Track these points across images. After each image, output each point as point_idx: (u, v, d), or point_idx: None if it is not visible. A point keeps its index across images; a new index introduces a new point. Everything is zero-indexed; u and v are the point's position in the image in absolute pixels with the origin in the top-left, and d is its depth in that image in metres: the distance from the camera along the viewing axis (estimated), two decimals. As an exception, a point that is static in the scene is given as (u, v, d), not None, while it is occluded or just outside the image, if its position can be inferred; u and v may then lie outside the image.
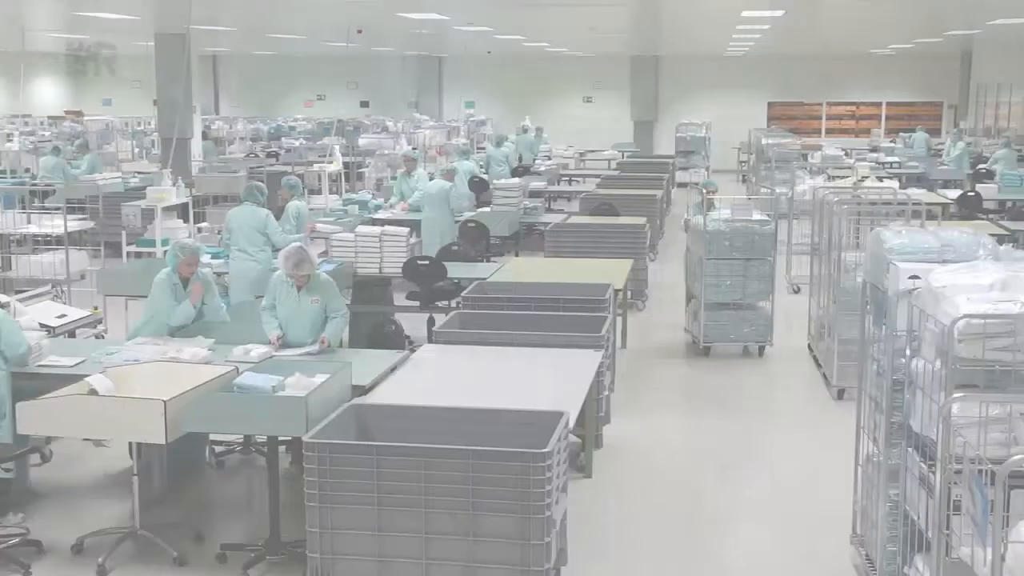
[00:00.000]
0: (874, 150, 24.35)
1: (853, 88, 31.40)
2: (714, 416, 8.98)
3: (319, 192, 16.41)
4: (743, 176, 28.02)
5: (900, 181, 16.96)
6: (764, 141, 22.08)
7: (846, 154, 21.19)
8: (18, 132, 23.04)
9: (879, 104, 31.65)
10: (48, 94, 34.62)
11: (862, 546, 5.90)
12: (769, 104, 31.95)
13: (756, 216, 10.54)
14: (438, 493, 4.81)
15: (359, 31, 19.84)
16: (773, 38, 22.63)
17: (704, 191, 11.17)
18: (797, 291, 12.93)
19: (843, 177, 16.12)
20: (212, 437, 7.50)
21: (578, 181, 22.54)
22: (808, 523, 6.72)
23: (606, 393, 8.04)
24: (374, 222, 12.46)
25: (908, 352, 5.05)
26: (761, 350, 10.49)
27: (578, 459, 7.40)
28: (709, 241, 10.17)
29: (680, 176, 26.27)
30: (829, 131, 31.44)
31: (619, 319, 10.34)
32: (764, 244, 10.35)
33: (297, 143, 25.25)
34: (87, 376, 6.14)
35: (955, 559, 4.29)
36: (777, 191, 17.20)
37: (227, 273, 10.20)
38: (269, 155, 23.27)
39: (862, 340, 5.97)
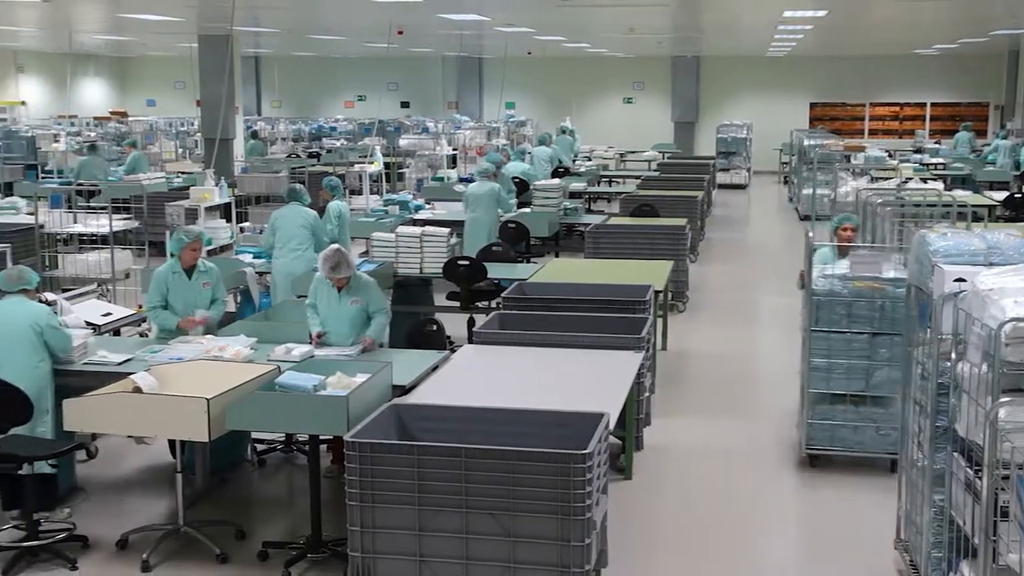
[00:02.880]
0: (918, 151, 24.10)
1: (897, 89, 31.09)
2: (755, 418, 8.92)
3: (360, 192, 16.49)
4: (784, 178, 27.85)
5: (945, 182, 16.77)
6: (806, 142, 21.94)
7: (890, 155, 21.00)
8: (65, 133, 23.33)
9: (923, 105, 31.32)
10: (94, 95, 35.06)
11: (906, 551, 5.83)
12: (811, 105, 31.73)
13: (888, 272, 7.41)
14: (478, 493, 4.81)
15: (400, 32, 19.91)
16: (816, 38, 22.46)
17: (837, 230, 8.57)
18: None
19: (887, 178, 15.96)
20: (254, 435, 7.55)
21: (618, 182, 22.48)
22: (850, 527, 6.66)
23: (647, 395, 8.01)
24: (414, 222, 12.52)
25: (954, 356, 4.99)
26: (893, 466, 6.80)
27: (618, 460, 7.38)
28: (817, 307, 7.49)
29: (721, 177, 26.17)
30: (872, 132, 31.18)
31: (659, 321, 10.30)
32: (899, 313, 6.89)
33: (338, 143, 25.40)
34: (132, 374, 6.22)
35: (1002, 566, 4.23)
36: (819, 192, 17.10)
37: (269, 273, 10.29)
38: (310, 155, 23.42)
39: (906, 343, 5.91)
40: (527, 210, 14.17)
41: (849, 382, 7.42)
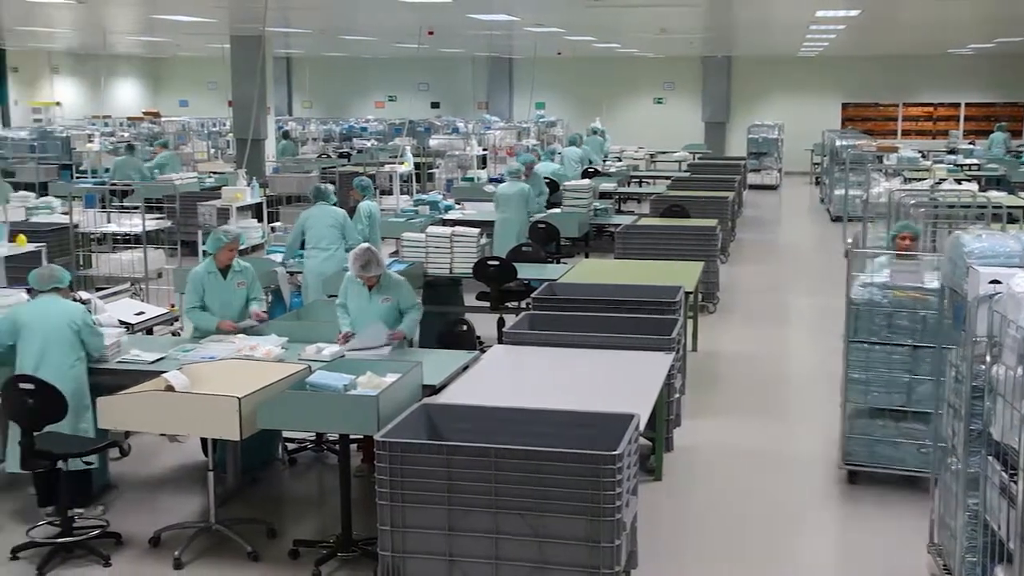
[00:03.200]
0: (952, 152, 23.87)
1: (930, 89, 30.82)
2: (787, 420, 8.88)
3: (390, 192, 16.54)
4: (816, 179, 27.69)
5: (980, 184, 16.60)
6: (838, 143, 21.79)
7: (923, 156, 20.80)
8: (99, 133, 23.54)
9: (957, 105, 31.03)
10: (127, 96, 35.37)
11: (940, 556, 5.78)
12: (843, 105, 31.52)
13: (929, 282, 7.00)
14: (508, 494, 4.81)
15: (430, 32, 19.95)
16: (848, 38, 22.30)
17: (895, 239, 8.15)
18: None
19: (920, 179, 15.82)
20: (284, 434, 7.59)
21: (648, 183, 22.43)
22: (884, 529, 6.61)
23: (677, 396, 7.99)
24: (444, 223, 12.54)
25: (988, 358, 4.94)
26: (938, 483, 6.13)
27: (648, 462, 7.36)
28: (856, 316, 7.15)
29: (752, 178, 26.06)
30: (905, 133, 30.94)
31: (690, 322, 10.25)
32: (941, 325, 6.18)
33: (368, 144, 25.49)
34: (164, 372, 6.27)
35: (1037, 571, 4.19)
36: (851, 193, 16.98)
37: (300, 272, 10.34)
38: (341, 156, 23.53)
39: (939, 345, 5.85)
40: (557, 210, 14.17)
41: (889, 396, 7.06)
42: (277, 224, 13.43)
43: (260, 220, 13.00)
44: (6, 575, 5.99)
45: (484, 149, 21.91)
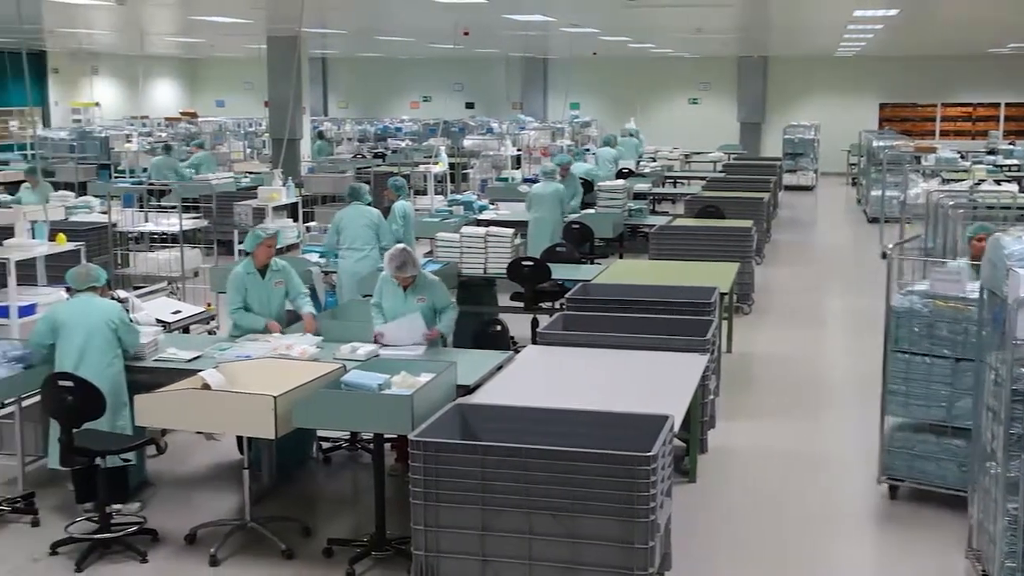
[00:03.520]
0: (992, 152, 23.60)
1: (970, 89, 30.49)
2: (822, 423, 8.81)
3: (424, 193, 16.58)
4: (852, 180, 27.48)
5: (1020, 184, 16.41)
6: (875, 143, 21.62)
7: (962, 157, 20.59)
8: (136, 133, 23.77)
9: (997, 105, 30.68)
10: (165, 96, 35.68)
11: (978, 561, 5.72)
12: (881, 105, 31.26)
13: (971, 292, 6.54)
14: (542, 494, 4.81)
15: (465, 32, 19.98)
16: (886, 38, 22.11)
17: (972, 240, 7.73)
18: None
19: (959, 180, 15.67)
20: (319, 433, 7.62)
21: (683, 183, 22.35)
22: (923, 533, 6.55)
23: (711, 397, 7.95)
24: (479, 223, 12.55)
25: (1029, 362, 4.88)
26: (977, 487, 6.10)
27: (682, 463, 7.34)
28: (896, 325, 6.82)
29: (788, 179, 25.90)
30: (944, 133, 30.63)
31: (724, 323, 10.21)
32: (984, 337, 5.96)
33: (403, 144, 25.56)
34: (201, 371, 6.31)
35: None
36: (888, 195, 16.84)
37: (335, 272, 10.39)
38: (376, 156, 23.60)
39: (979, 348, 5.79)
40: (591, 211, 14.14)
41: (928, 410, 6.73)
42: (312, 224, 13.50)
43: (295, 220, 13.07)
44: (46, 570, 6.06)
45: (518, 149, 21.91)
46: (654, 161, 23.46)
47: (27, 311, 7.54)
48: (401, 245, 7.64)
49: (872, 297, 13.42)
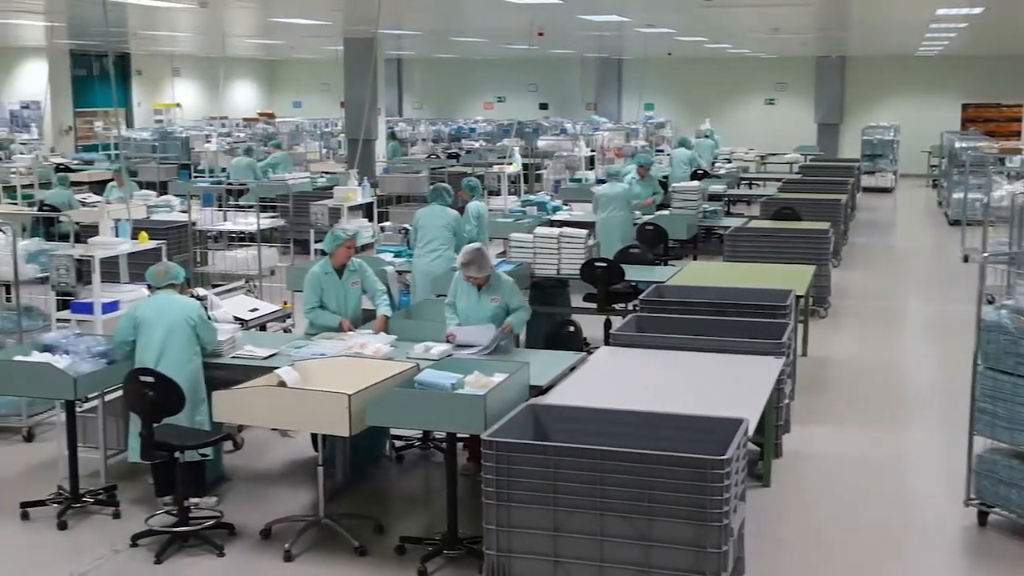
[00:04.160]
0: (1079, 154, 22.96)
1: (1057, 88, 29.73)
2: (901, 429, 8.65)
3: (498, 193, 16.61)
4: (933, 181, 26.95)
5: (1108, 187, 15.94)
6: (957, 144, 21.16)
7: (1048, 158, 20.06)
8: (216, 133, 24.18)
9: (1085, 105, 29.88)
10: (244, 97, 36.25)
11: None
12: (963, 106, 30.58)
13: None
14: (614, 496, 4.79)
15: (540, 33, 19.98)
16: (970, 37, 21.64)
17: None
18: (991, 301, 12.31)
19: (1044, 182, 15.27)
20: (392, 431, 7.68)
21: (759, 185, 22.09)
22: (1004, 543, 6.39)
23: (786, 401, 7.85)
24: (552, 223, 12.54)
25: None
26: None
27: (756, 467, 7.26)
28: (986, 341, 6.50)
29: (866, 180, 25.49)
30: (1030, 134, 29.89)
31: (800, 326, 10.07)
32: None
33: (477, 144, 25.65)
34: (277, 368, 6.40)
35: None
36: (971, 197, 16.48)
37: (409, 272, 10.46)
38: (450, 156, 23.73)
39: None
40: (665, 212, 14.06)
41: (1012, 433, 6.31)
42: (387, 224, 13.61)
43: (370, 220, 13.18)
44: (128, 560, 6.19)
45: (592, 150, 21.86)
46: (729, 162, 23.25)
47: (110, 308, 7.70)
48: (474, 244, 7.67)
49: (953, 303, 13.20)
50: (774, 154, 26.73)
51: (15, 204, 16.15)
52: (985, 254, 7.22)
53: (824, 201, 15.34)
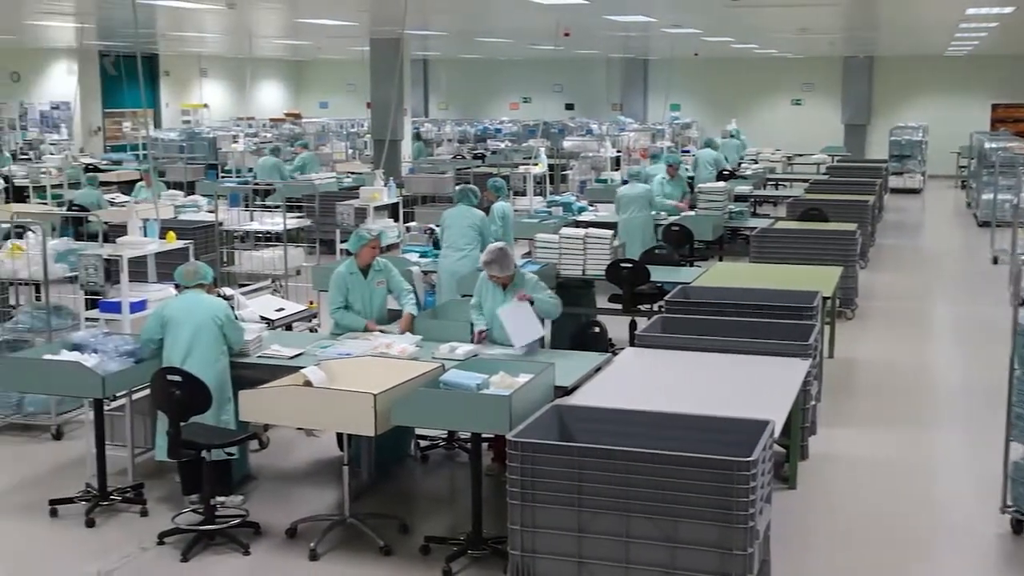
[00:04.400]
0: (1110, 155, 22.72)
1: (1089, 88, 29.44)
2: (928, 432, 8.59)
3: (523, 194, 16.61)
4: (962, 182, 26.75)
5: None
6: (987, 145, 21.00)
7: (1079, 159, 19.86)
8: (243, 134, 24.30)
9: (1116, 105, 29.57)
10: (270, 97, 36.42)
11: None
12: (993, 106, 30.33)
13: None
14: (639, 497, 4.78)
15: (566, 34, 19.97)
16: (1000, 36, 21.46)
17: None
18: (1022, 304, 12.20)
19: (1075, 184, 15.11)
20: (417, 431, 7.69)
21: (785, 185, 21.98)
22: (1030, 550, 6.34)
23: (813, 403, 7.81)
24: (577, 224, 12.53)
25: None
26: None
27: (782, 469, 7.22)
28: (1022, 345, 6.29)
29: (894, 181, 25.33)
30: (1060, 135, 29.59)
31: (827, 328, 10.01)
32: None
33: (502, 145, 25.66)
34: (303, 368, 6.42)
35: None
36: (1001, 198, 16.33)
37: (435, 272, 10.48)
38: (475, 156, 23.75)
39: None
40: (691, 213, 14.02)
41: None
42: (412, 224, 13.64)
43: (396, 220, 13.22)
44: (155, 558, 6.23)
45: (618, 151, 21.83)
46: (756, 163, 23.16)
47: (137, 307, 7.75)
48: (498, 244, 7.67)
49: (982, 304, 13.09)
50: (801, 155, 26.60)
51: (45, 204, 16.32)
52: (1022, 256, 7.05)
53: (851, 202, 15.26)
